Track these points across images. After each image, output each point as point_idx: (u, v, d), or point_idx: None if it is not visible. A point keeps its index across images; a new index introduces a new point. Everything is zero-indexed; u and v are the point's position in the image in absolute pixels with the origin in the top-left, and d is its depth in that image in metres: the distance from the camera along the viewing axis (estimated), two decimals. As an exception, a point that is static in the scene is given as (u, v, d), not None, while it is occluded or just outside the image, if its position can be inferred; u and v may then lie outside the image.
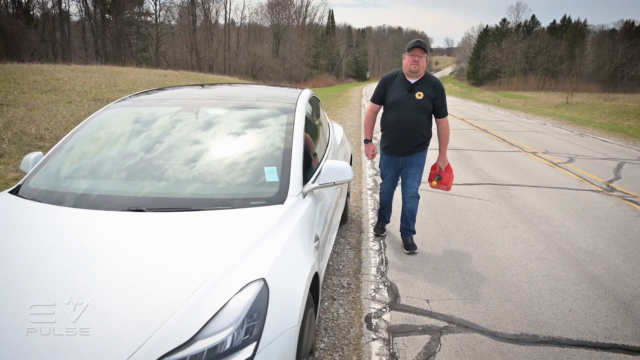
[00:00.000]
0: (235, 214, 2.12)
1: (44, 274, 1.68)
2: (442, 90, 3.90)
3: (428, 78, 3.87)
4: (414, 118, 3.83)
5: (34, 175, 2.53)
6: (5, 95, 11.58)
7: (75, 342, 1.42)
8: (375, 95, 4.06)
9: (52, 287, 1.61)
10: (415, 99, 3.80)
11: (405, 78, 3.86)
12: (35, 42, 36.82)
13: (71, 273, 1.69)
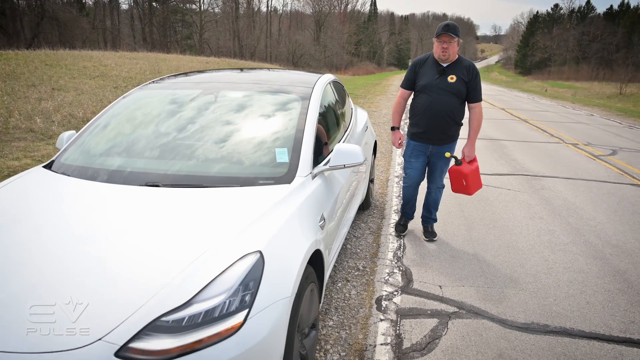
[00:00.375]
0: (243, 192, 2.23)
1: (61, 236, 1.85)
2: (477, 74, 3.66)
3: (461, 61, 3.66)
4: (447, 102, 3.61)
5: (65, 152, 2.74)
6: (57, 80, 12.23)
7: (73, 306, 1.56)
8: (405, 81, 3.86)
9: (66, 247, 1.78)
10: (448, 82, 3.59)
11: (436, 61, 3.67)
12: (87, 30, 38.39)
13: (84, 237, 1.86)
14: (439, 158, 3.83)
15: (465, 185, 3.74)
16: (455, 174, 3.78)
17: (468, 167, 3.74)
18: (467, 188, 3.76)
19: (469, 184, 3.73)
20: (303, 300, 1.97)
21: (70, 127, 8.49)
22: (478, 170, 3.79)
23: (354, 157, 2.64)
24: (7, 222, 2.02)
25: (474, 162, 3.80)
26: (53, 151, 6.87)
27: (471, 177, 3.71)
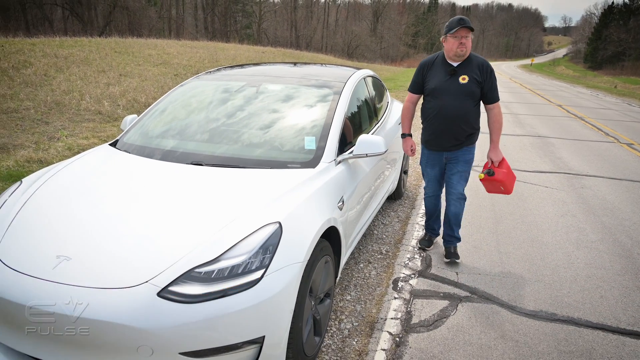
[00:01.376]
0: (272, 173, 2.56)
1: (121, 200, 2.28)
2: (491, 72, 3.37)
3: (473, 59, 3.36)
4: (459, 106, 3.34)
5: (128, 133, 3.20)
6: (124, 67, 13.16)
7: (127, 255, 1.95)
8: (413, 84, 3.57)
9: (124, 209, 2.19)
10: (459, 83, 3.31)
11: (446, 61, 3.37)
12: (154, 19, 40.35)
13: (138, 203, 2.27)
14: (456, 163, 3.53)
15: (504, 189, 3.53)
16: (490, 184, 3.54)
17: (501, 172, 3.48)
18: (506, 190, 3.54)
19: (506, 187, 3.51)
20: (316, 268, 2.27)
21: (133, 110, 9.23)
22: (509, 168, 3.54)
23: (376, 147, 2.90)
24: (81, 186, 2.49)
25: (503, 161, 3.53)
26: (117, 132, 7.56)
27: (507, 180, 3.49)
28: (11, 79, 9.53)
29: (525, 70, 57.42)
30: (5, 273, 1.94)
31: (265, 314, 1.92)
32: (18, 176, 5.10)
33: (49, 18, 36.03)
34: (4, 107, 7.86)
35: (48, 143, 6.63)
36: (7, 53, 11.49)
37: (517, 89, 24.60)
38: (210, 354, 1.85)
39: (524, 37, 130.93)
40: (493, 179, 3.49)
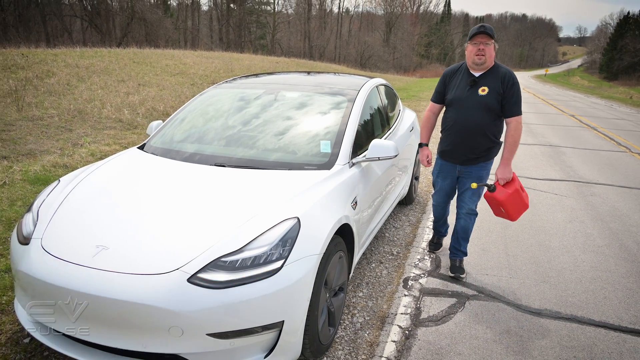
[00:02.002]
0: (290, 174, 2.75)
1: (152, 197, 2.49)
2: (514, 84, 3.16)
3: (496, 69, 3.21)
4: (477, 119, 3.20)
5: (154, 137, 3.42)
6: (142, 76, 13.55)
7: (160, 245, 2.14)
8: (435, 93, 3.49)
9: (155, 205, 2.39)
10: (478, 95, 3.18)
11: (468, 71, 3.27)
12: (170, 30, 41.16)
13: (167, 200, 2.47)
14: (469, 178, 3.40)
15: (505, 212, 3.27)
16: (492, 202, 3.31)
17: (504, 192, 3.20)
18: (507, 215, 3.27)
19: (508, 211, 3.23)
20: (331, 262, 2.45)
21: (152, 119, 9.53)
22: (517, 192, 3.21)
23: (388, 151, 3.07)
24: (114, 184, 2.72)
25: (512, 184, 3.24)
26: (137, 139, 7.83)
27: (508, 203, 3.19)
28: (36, 88, 9.91)
29: (539, 81, 57.17)
30: (49, 261, 2.15)
31: (284, 300, 2.10)
32: (45, 180, 5.37)
33: (69, 29, 37.01)
34: (30, 115, 8.20)
35: (72, 149, 6.91)
36: (31, 63, 11.93)
37: (530, 99, 24.59)
38: (234, 336, 2.03)
39: (538, 48, 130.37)
40: (493, 197, 3.22)
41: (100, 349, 2.14)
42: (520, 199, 3.24)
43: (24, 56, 12.54)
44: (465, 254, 3.65)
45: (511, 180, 3.26)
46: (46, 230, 2.33)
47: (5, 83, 9.60)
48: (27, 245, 2.30)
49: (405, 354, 2.61)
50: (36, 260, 2.18)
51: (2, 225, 4.04)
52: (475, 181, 3.36)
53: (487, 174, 3.42)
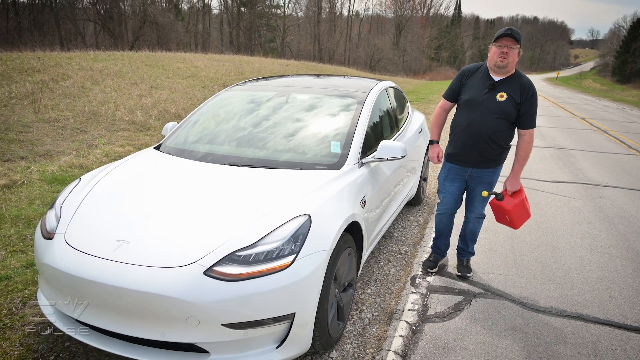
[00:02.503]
0: (302, 173, 2.85)
1: (168, 195, 2.60)
2: (533, 95, 3.11)
3: (518, 77, 3.12)
4: (491, 124, 3.12)
5: (170, 138, 3.54)
6: (155, 79, 13.75)
7: (177, 240, 2.25)
8: (449, 90, 3.38)
9: (172, 202, 2.50)
10: (496, 100, 3.09)
11: (488, 74, 3.16)
12: (181, 33, 41.60)
13: (183, 197, 2.58)
14: (479, 183, 3.35)
15: (509, 220, 3.30)
16: (497, 209, 3.33)
17: (511, 201, 3.24)
18: (511, 223, 3.31)
19: (512, 220, 3.28)
20: (340, 258, 2.53)
21: (164, 121, 9.70)
22: (523, 203, 3.26)
23: (396, 152, 3.15)
24: (133, 182, 2.84)
25: (519, 194, 3.28)
26: (150, 141, 7.99)
27: (514, 212, 3.24)
28: (51, 91, 10.13)
29: (551, 84, 56.78)
30: (72, 254, 2.26)
31: (296, 293, 2.19)
32: (62, 180, 5.53)
33: (82, 33, 37.60)
34: (47, 116, 8.39)
35: (87, 150, 7.08)
36: (47, 66, 12.18)
37: (540, 102, 24.39)
38: (248, 327, 2.12)
39: (549, 50, 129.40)
40: (500, 205, 3.27)
41: (120, 338, 2.25)
42: (525, 209, 3.29)
43: (39, 59, 12.81)
44: (473, 253, 3.67)
45: (518, 190, 3.28)
46: (69, 226, 2.45)
47: (22, 86, 9.83)
48: (51, 239, 2.42)
49: (412, 348, 2.69)
50: (60, 253, 2.29)
51: (21, 223, 4.18)
52: (486, 188, 3.33)
53: (497, 178, 3.38)
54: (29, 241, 3.85)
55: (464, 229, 3.60)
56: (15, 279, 3.23)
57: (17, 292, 3.06)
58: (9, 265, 3.42)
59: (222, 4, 53.76)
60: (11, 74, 10.73)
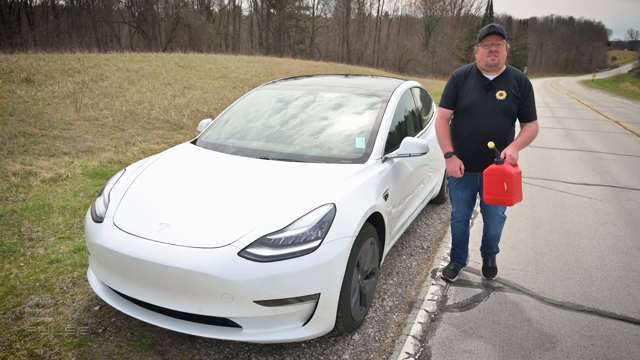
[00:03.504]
0: (328, 167, 3.04)
1: (205, 184, 2.83)
2: (530, 87, 3.11)
3: (511, 72, 3.11)
4: (496, 124, 3.08)
5: (205, 133, 3.80)
6: (187, 80, 14.21)
7: (214, 224, 2.47)
8: (445, 98, 3.26)
9: (208, 191, 2.73)
10: (496, 99, 3.06)
11: (481, 74, 3.12)
12: (212, 35, 42.49)
13: (216, 186, 2.82)
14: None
15: (507, 189, 2.95)
16: (496, 176, 2.97)
17: (511, 167, 2.98)
18: (509, 193, 2.96)
19: (511, 188, 2.94)
20: (363, 246, 2.71)
21: (196, 120, 10.06)
22: (520, 176, 3.03)
23: (418, 148, 3.31)
24: (173, 172, 3.11)
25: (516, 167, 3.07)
26: (183, 139, 8.33)
27: (515, 179, 2.95)
28: (91, 91, 10.64)
29: (586, 86, 55.25)
30: (121, 235, 2.51)
31: (320, 275, 2.37)
32: (102, 174, 5.88)
33: (117, 35, 38.89)
34: (87, 115, 8.86)
35: (125, 147, 7.47)
36: (86, 67, 12.77)
37: (573, 104, 23.98)
38: (277, 304, 2.32)
39: (585, 52, 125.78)
40: (500, 169, 2.94)
41: (160, 312, 2.49)
42: (520, 184, 3.03)
43: (79, 60, 13.43)
44: (498, 250, 3.59)
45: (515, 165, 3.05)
46: (117, 210, 2.71)
47: (64, 86, 10.37)
48: (100, 223, 2.68)
49: (431, 334, 2.84)
50: (109, 235, 2.55)
51: (67, 213, 4.52)
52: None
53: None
54: (75, 229, 4.17)
55: (486, 235, 3.50)
56: (65, 262, 3.53)
57: (67, 274, 3.36)
58: (58, 250, 3.73)
59: (252, 5, 54.76)
60: (53, 75, 11.32)
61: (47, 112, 8.46)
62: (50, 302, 2.99)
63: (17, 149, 6.38)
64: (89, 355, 2.52)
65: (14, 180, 5.27)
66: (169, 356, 2.55)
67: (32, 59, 12.41)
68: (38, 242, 3.86)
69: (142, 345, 2.62)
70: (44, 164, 5.96)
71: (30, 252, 3.66)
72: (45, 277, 3.28)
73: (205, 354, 2.58)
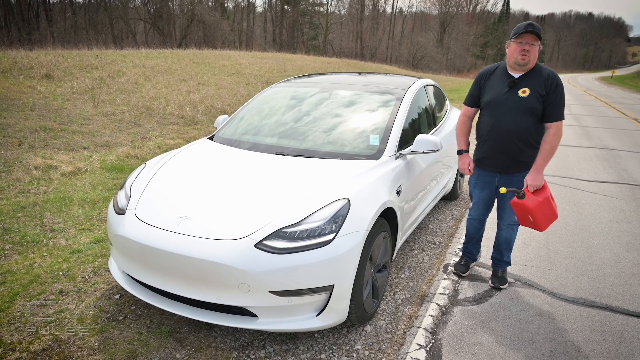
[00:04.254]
0: (342, 163, 3.10)
1: (222, 179, 2.91)
2: (558, 85, 2.94)
3: (538, 70, 3.00)
4: (517, 122, 3.00)
5: (222, 129, 3.88)
6: (202, 76, 14.35)
7: (232, 217, 2.55)
8: (469, 96, 3.28)
9: (226, 185, 2.81)
10: (519, 97, 2.98)
11: (507, 71, 3.08)
12: (226, 31, 42.70)
13: (234, 180, 2.89)
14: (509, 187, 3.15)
15: (533, 220, 3.01)
16: (519, 209, 3.04)
17: (534, 199, 2.96)
18: (535, 224, 3.02)
19: (536, 220, 2.98)
20: (376, 240, 2.76)
21: (211, 116, 10.18)
22: (548, 201, 2.98)
23: (431, 146, 3.34)
24: (192, 167, 3.19)
25: (543, 191, 3.01)
26: (198, 135, 8.44)
27: (538, 211, 2.95)
28: (108, 87, 10.82)
29: (604, 83, 54.31)
30: (142, 227, 2.60)
31: (334, 267, 2.44)
32: (120, 168, 6.02)
33: (133, 31, 39.31)
34: (105, 110, 9.02)
35: (141, 142, 7.61)
36: (104, 63, 12.97)
37: (590, 101, 23.62)
38: (292, 295, 2.39)
39: (605, 48, 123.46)
40: (521, 204, 2.98)
41: (179, 301, 2.58)
42: (551, 208, 3.01)
43: (97, 57, 13.66)
44: (509, 263, 3.48)
45: (542, 188, 3.02)
46: (138, 203, 2.80)
47: (82, 82, 10.57)
48: (122, 215, 2.78)
49: (442, 327, 2.89)
50: (131, 226, 2.65)
51: (87, 206, 4.65)
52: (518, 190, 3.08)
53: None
54: (94, 221, 4.30)
55: (498, 238, 3.44)
56: (86, 252, 3.65)
57: (89, 264, 3.47)
58: (79, 241, 3.86)
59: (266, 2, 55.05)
60: (72, 71, 11.53)
61: (66, 107, 8.64)
62: (73, 290, 3.10)
63: (37, 143, 6.55)
64: (111, 340, 2.62)
65: (35, 173, 5.42)
66: (187, 343, 2.64)
67: (52, 56, 12.66)
68: (59, 233, 3.98)
69: (161, 333, 2.71)
70: (63, 158, 6.11)
71: (53, 243, 3.79)
72: (68, 267, 3.40)
73: (222, 341, 2.67)
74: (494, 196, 3.36)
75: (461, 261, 3.69)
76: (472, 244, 3.62)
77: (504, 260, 3.47)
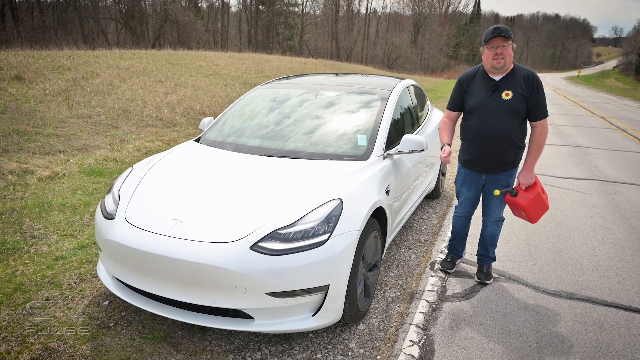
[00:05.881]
0: (331, 163, 3.13)
1: (211, 182, 2.91)
2: (538, 85, 3.05)
3: (518, 71, 3.07)
4: (503, 125, 3.07)
5: (208, 132, 3.86)
6: (178, 77, 14.17)
7: (225, 219, 2.55)
8: (452, 101, 3.32)
9: (215, 188, 2.81)
10: (502, 100, 3.04)
11: (487, 75, 3.12)
12: (201, 32, 42.20)
13: (224, 182, 2.90)
14: (495, 186, 3.31)
15: (526, 215, 3.26)
16: (513, 205, 3.29)
17: (525, 196, 3.17)
18: (528, 217, 3.27)
19: (529, 215, 3.24)
20: (367, 239, 2.81)
21: (189, 117, 10.06)
22: (539, 196, 3.19)
23: (417, 145, 3.41)
24: (181, 170, 3.17)
25: (534, 187, 3.20)
26: (177, 137, 8.35)
27: (530, 208, 3.18)
28: (82, 88, 10.58)
29: (571, 82, 56.05)
30: (134, 231, 2.58)
31: (329, 268, 2.47)
32: (99, 172, 5.91)
33: (104, 31, 38.44)
34: (80, 113, 8.82)
35: (120, 145, 7.47)
36: (76, 64, 12.67)
37: (559, 100, 24.35)
38: (288, 296, 2.41)
39: (571, 48, 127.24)
40: (515, 202, 3.21)
41: (172, 305, 2.56)
42: (542, 202, 3.23)
43: (69, 58, 13.33)
44: (494, 259, 3.59)
45: (533, 184, 3.20)
46: (128, 207, 2.77)
47: (55, 83, 10.30)
48: (112, 219, 2.74)
49: (432, 323, 2.96)
50: (122, 230, 2.62)
51: (68, 211, 4.55)
52: (501, 189, 3.26)
53: (514, 180, 3.34)
54: (77, 226, 4.21)
55: (483, 234, 3.54)
56: (70, 258, 3.58)
57: (74, 270, 3.41)
58: (62, 247, 3.78)
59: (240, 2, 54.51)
60: (44, 72, 11.23)
61: (39, 110, 8.41)
62: (60, 297, 3.05)
63: (11, 147, 6.36)
64: (103, 347, 2.59)
65: (10, 178, 5.27)
66: (182, 347, 2.63)
67: (21, 56, 12.29)
68: (41, 240, 3.89)
69: (154, 338, 2.69)
70: (39, 162, 5.96)
71: (34, 250, 3.70)
72: (52, 274, 3.33)
73: (217, 345, 2.67)
74: (479, 194, 3.46)
75: (447, 258, 3.78)
76: (457, 240, 3.71)
77: (489, 256, 3.58)
